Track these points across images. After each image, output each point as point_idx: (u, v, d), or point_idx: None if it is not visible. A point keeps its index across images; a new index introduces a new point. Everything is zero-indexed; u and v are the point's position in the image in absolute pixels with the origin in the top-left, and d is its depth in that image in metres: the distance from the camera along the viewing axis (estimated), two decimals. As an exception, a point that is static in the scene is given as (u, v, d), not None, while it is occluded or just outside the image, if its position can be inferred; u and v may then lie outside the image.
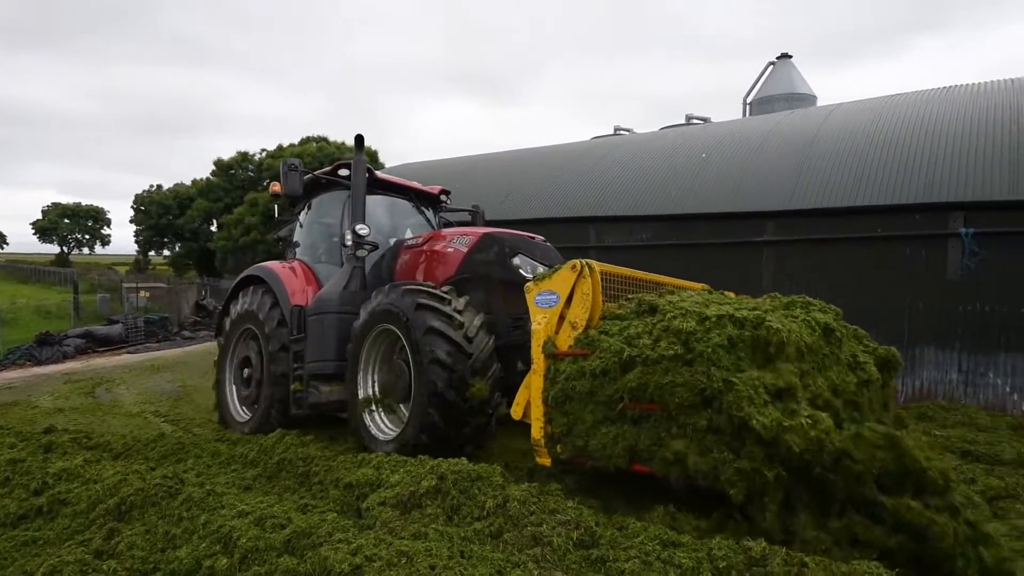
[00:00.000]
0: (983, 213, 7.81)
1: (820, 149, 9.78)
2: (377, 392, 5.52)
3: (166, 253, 53.59)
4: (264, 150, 40.31)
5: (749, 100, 18.21)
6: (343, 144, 36.29)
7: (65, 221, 67.24)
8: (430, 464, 3.84)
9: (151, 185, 55.45)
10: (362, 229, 5.92)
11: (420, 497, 3.48)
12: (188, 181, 48.78)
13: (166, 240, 51.17)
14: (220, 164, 42.88)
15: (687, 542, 2.97)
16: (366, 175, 6.19)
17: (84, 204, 69.25)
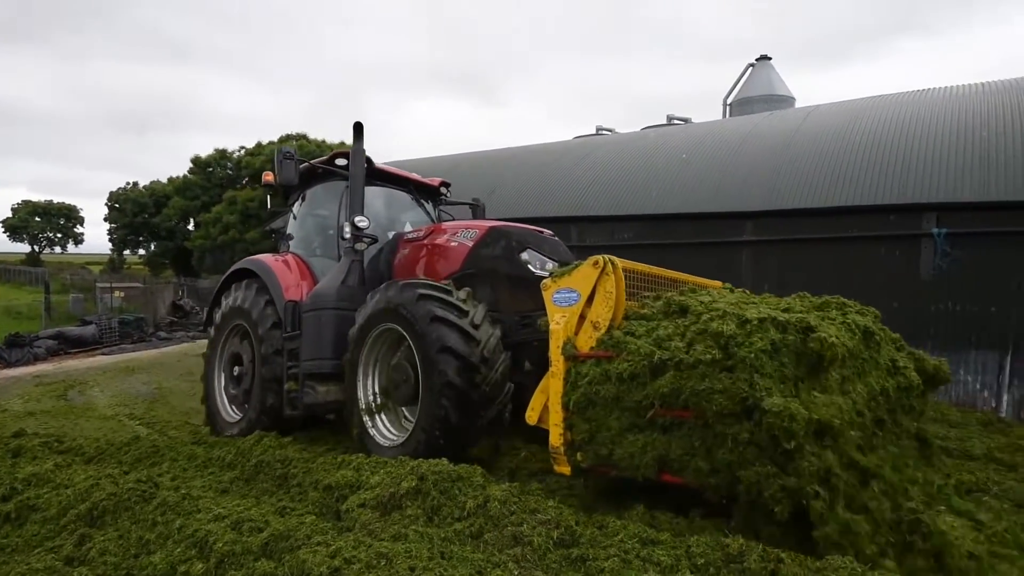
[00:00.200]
0: (955, 214, 7.98)
1: (798, 150, 9.92)
2: (379, 397, 5.25)
3: (141, 252, 52.63)
4: (243, 148, 39.79)
5: (729, 101, 18.42)
6: (323, 142, 35.92)
7: (36, 219, 65.79)
8: (410, 465, 3.80)
9: (126, 183, 54.39)
10: (361, 221, 5.63)
11: (400, 498, 3.45)
12: (165, 179, 48.10)
13: (141, 239, 50.29)
14: (198, 162, 42.24)
15: (666, 540, 2.99)
16: (365, 165, 5.90)
17: (56, 202, 67.96)
